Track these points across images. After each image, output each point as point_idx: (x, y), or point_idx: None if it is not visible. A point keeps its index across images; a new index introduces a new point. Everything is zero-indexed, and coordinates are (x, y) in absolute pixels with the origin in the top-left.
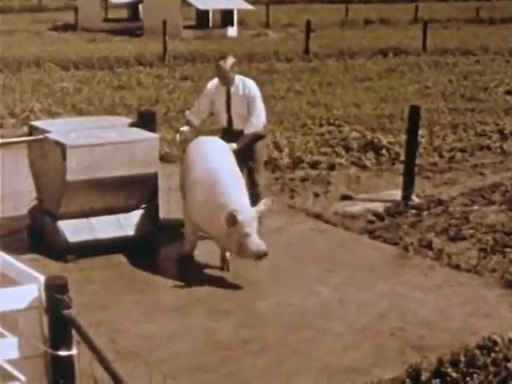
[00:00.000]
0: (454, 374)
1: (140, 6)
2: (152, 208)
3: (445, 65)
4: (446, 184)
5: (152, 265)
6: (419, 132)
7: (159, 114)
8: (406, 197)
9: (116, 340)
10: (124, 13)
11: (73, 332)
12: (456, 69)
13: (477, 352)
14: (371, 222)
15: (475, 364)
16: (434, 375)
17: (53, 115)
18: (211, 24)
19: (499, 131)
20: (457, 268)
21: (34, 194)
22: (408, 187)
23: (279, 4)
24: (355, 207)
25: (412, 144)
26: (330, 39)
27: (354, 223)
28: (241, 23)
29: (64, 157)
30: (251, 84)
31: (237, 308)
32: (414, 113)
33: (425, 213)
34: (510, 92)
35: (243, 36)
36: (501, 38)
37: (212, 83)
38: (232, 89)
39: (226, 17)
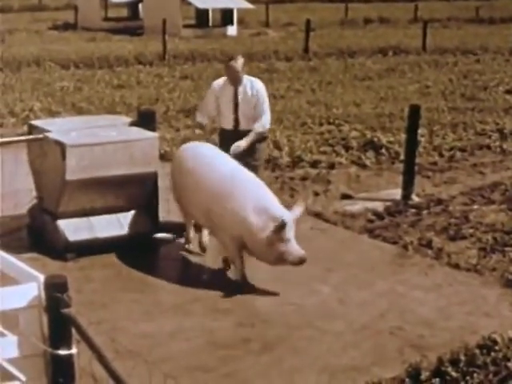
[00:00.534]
0: (454, 374)
1: (140, 5)
2: (152, 207)
3: (445, 64)
4: (446, 183)
5: (151, 264)
6: (419, 131)
7: (159, 113)
8: (406, 196)
9: (116, 339)
10: (124, 12)
11: (72, 331)
12: (456, 68)
13: (477, 351)
14: (371, 221)
15: (475, 363)
16: (434, 374)
17: (53, 114)
18: (211, 23)
19: (499, 130)
20: (456, 267)
21: (34, 193)
22: (408, 186)
23: (279, 3)
24: (355, 206)
25: (412, 143)
26: (330, 38)
27: (354, 222)
28: (240, 22)
29: (64, 156)
30: (259, 84)
31: (237, 307)
32: (414, 112)
33: (424, 212)
34: (510, 91)
35: (243, 35)
36: (501, 38)
37: (218, 82)
38: (240, 90)
39: (226, 16)
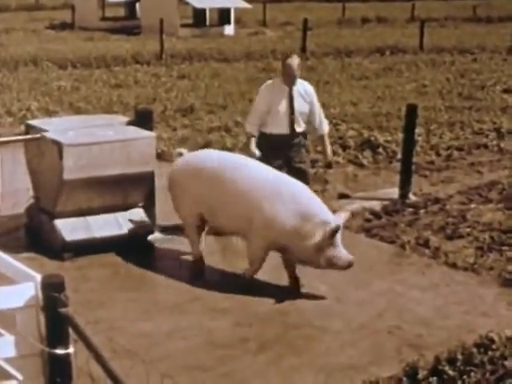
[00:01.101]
0: (451, 372)
1: (137, 5)
2: (149, 206)
3: (442, 63)
4: (443, 182)
5: (149, 263)
6: (416, 130)
7: (156, 113)
8: (403, 195)
9: (113, 338)
10: (121, 11)
11: (70, 330)
12: (453, 67)
13: (474, 350)
14: (368, 221)
15: (472, 362)
16: (431, 373)
17: (50, 114)
18: (208, 22)
19: (496, 129)
20: (454, 266)
21: (32, 193)
22: (405, 185)
23: (276, 2)
24: (352, 205)
25: (409, 142)
26: (327, 38)
27: (351, 221)
28: (238, 21)
29: (61, 155)
30: (310, 86)
31: (234, 306)
32: (411, 111)
33: (422, 211)
34: (507, 90)
35: (240, 34)
36: (498, 37)
37: (267, 85)
38: (294, 89)
39: (223, 15)
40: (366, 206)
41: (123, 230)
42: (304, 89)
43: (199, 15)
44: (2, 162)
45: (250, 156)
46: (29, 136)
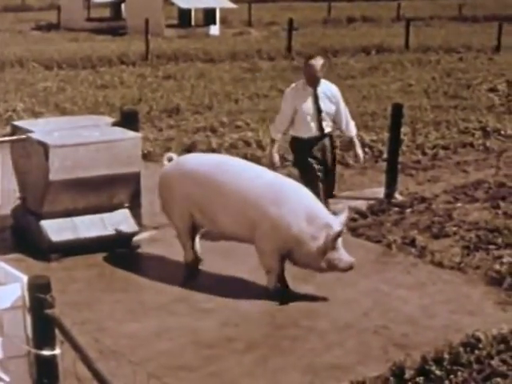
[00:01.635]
0: (438, 372)
1: (123, 5)
2: (135, 207)
3: (428, 62)
4: (429, 181)
5: (135, 264)
6: (402, 130)
7: (142, 113)
8: (389, 194)
9: (100, 339)
10: (107, 12)
11: (56, 331)
12: (439, 66)
13: (461, 349)
14: (354, 220)
15: (459, 361)
16: (418, 373)
17: (36, 115)
18: (194, 23)
19: (482, 128)
20: (440, 265)
21: (18, 194)
22: (391, 185)
23: (261, 2)
24: (338, 205)
25: (395, 142)
26: (313, 37)
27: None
28: (223, 22)
29: (47, 156)
30: (335, 87)
31: (221, 306)
32: (397, 110)
33: (408, 210)
34: (493, 89)
35: (226, 34)
36: (484, 36)
37: (293, 86)
38: (319, 90)
39: (209, 15)
40: (352, 206)
41: (109, 231)
42: (329, 89)
43: (184, 15)
44: None
45: (270, 162)
46: (15, 137)
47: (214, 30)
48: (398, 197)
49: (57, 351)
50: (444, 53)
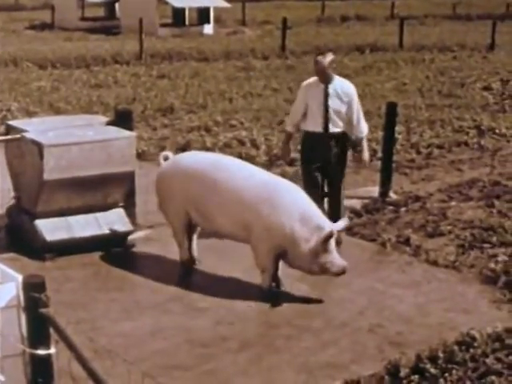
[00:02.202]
0: (433, 370)
1: (116, 5)
2: (129, 206)
3: (422, 61)
4: (424, 180)
5: (130, 263)
6: (396, 128)
7: (136, 113)
8: (384, 193)
9: (94, 338)
10: (101, 11)
11: (51, 331)
12: (433, 65)
13: (455, 348)
14: (349, 219)
15: (454, 360)
16: (413, 371)
17: (30, 114)
18: (187, 22)
19: (476, 127)
20: (435, 264)
21: (12, 193)
22: (385, 184)
23: (255, 1)
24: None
25: (389, 140)
26: (307, 36)
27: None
28: (217, 21)
29: (41, 156)
30: (351, 86)
31: (215, 306)
32: (391, 109)
33: (402, 209)
34: (487, 88)
35: (219, 34)
36: (478, 35)
37: (308, 82)
38: (330, 87)
39: (203, 14)
40: (347, 205)
41: (104, 230)
42: (342, 88)
43: (178, 15)
44: None
45: (282, 154)
46: (9, 137)
47: (208, 29)
48: (393, 196)
49: (52, 350)
50: (438, 51)
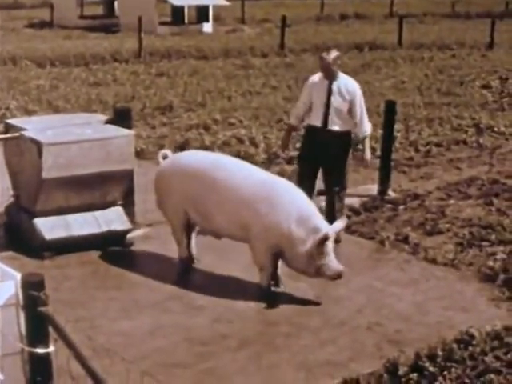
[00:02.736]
0: (432, 368)
1: (115, 3)
2: (128, 205)
3: (420, 59)
4: (422, 178)
5: (129, 261)
6: (395, 127)
7: (135, 111)
8: (383, 191)
9: (93, 337)
10: (99, 9)
11: (50, 329)
12: (432, 63)
13: (454, 346)
14: (348, 217)
15: (453, 358)
16: (412, 369)
17: (29, 113)
18: (187, 20)
19: (475, 125)
20: (433, 262)
21: (11, 192)
22: (384, 182)
23: None
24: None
25: (388, 139)
26: (306, 34)
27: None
28: (216, 19)
29: (40, 154)
30: (355, 83)
31: (213, 304)
32: (390, 107)
33: (401, 207)
34: (486, 86)
35: (219, 32)
36: (477, 33)
37: (314, 77)
38: (334, 84)
39: (202, 13)
40: (346, 203)
41: (102, 229)
42: (346, 86)
43: (177, 13)
44: None
45: (281, 144)
46: (8, 135)
47: (207, 28)
48: (391, 194)
49: (50, 349)
50: (437, 50)
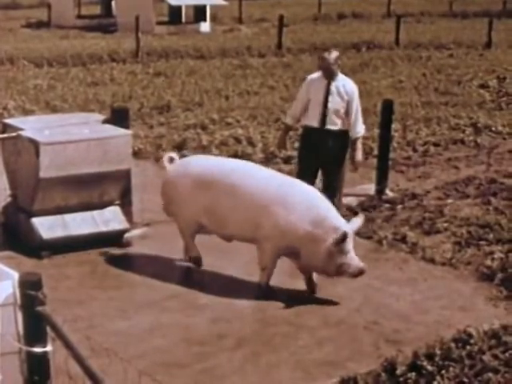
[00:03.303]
0: (430, 367)
1: (113, 3)
2: (125, 204)
3: (418, 59)
4: (420, 178)
5: (127, 261)
6: (392, 126)
7: (133, 110)
8: (380, 191)
9: (91, 336)
10: (97, 9)
11: (48, 328)
12: (429, 62)
13: (452, 345)
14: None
15: (451, 357)
16: (410, 368)
17: (26, 112)
18: (184, 19)
19: (473, 125)
20: (431, 261)
21: (9, 191)
22: (382, 181)
23: None
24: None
25: (385, 138)
26: (303, 34)
27: None
28: (214, 18)
29: (37, 154)
30: (353, 85)
31: (212, 303)
32: (388, 107)
33: (399, 207)
34: (484, 86)
35: (216, 31)
36: (474, 32)
37: (312, 76)
38: (333, 84)
39: (199, 12)
40: (343, 202)
41: (100, 228)
42: (344, 86)
43: (175, 12)
44: None
45: (278, 144)
46: (5, 135)
47: (205, 27)
48: (389, 193)
49: (48, 348)
50: (434, 49)
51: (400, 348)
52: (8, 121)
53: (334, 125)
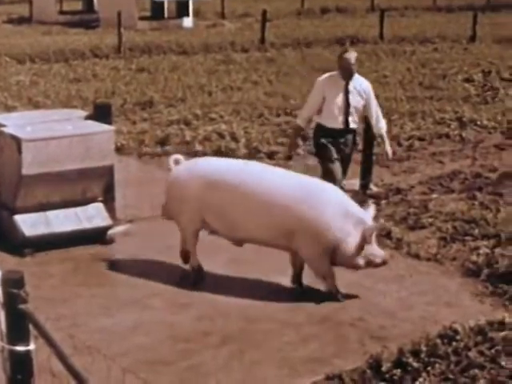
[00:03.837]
0: (415, 364)
1: None
2: (109, 200)
3: (402, 53)
4: (405, 172)
5: (110, 258)
6: None
7: (116, 106)
8: (365, 186)
9: (74, 334)
10: (79, 5)
11: (30, 327)
12: (414, 57)
13: (438, 341)
14: None
15: (436, 353)
16: (395, 365)
17: (9, 109)
18: (166, 15)
19: (458, 119)
20: (416, 257)
21: None
22: (366, 176)
23: None
24: None
25: (370, 133)
26: (287, 28)
27: None
28: (196, 13)
29: (20, 150)
30: (367, 83)
31: (196, 301)
32: None
33: (383, 202)
34: (469, 80)
35: (199, 26)
36: (458, 26)
37: (325, 77)
38: (350, 84)
39: (182, 7)
40: None
41: (83, 225)
42: (361, 85)
43: (157, 8)
44: None
45: (290, 147)
46: None
47: (188, 22)
48: (374, 188)
49: (31, 347)
50: (419, 43)
51: (385, 344)
52: None
53: (355, 123)
